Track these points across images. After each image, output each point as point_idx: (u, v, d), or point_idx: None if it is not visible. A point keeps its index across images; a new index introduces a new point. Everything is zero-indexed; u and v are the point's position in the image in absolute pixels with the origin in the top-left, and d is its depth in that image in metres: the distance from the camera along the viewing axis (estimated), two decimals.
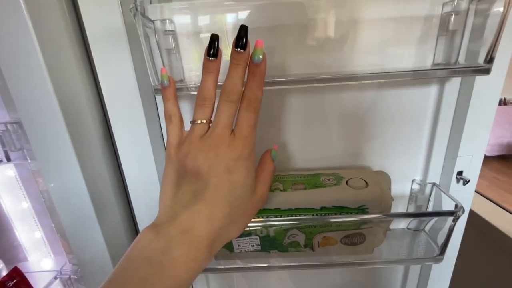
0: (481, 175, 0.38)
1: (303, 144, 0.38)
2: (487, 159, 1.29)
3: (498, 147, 1.38)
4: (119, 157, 0.37)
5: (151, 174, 0.38)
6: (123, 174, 0.38)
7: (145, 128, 0.35)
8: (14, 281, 0.38)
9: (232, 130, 0.24)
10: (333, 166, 0.38)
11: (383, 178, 0.34)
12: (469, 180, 0.37)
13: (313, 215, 0.31)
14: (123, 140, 0.36)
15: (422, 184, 0.38)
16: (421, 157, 0.38)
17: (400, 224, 0.40)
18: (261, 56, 0.22)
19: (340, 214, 0.31)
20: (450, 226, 0.31)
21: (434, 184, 0.37)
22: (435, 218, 0.36)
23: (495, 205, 0.93)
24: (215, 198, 0.22)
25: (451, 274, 0.45)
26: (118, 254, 0.41)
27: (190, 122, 0.25)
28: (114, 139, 0.36)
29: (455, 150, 0.37)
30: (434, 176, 0.38)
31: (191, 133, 0.24)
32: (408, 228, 0.39)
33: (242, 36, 0.22)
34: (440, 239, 0.35)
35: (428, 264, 0.41)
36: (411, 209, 0.39)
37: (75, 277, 0.41)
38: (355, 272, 0.47)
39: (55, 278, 0.41)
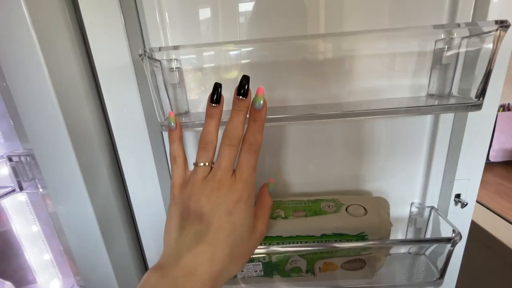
0: (485, 181, 0.39)
1: (303, 169, 0.39)
2: (491, 165, 1.29)
3: (503, 153, 1.37)
4: (126, 184, 0.38)
5: (157, 199, 0.39)
6: (130, 200, 0.39)
7: (152, 157, 0.36)
8: None
9: (233, 172, 0.25)
10: (333, 190, 0.40)
11: (382, 205, 0.35)
12: (466, 204, 0.38)
13: (314, 241, 0.32)
14: (130, 169, 0.37)
15: (421, 207, 0.39)
16: (419, 181, 0.39)
17: (401, 249, 0.40)
18: (262, 102, 0.24)
19: (340, 241, 0.32)
20: (448, 251, 0.32)
21: (432, 208, 0.38)
22: (434, 246, 0.36)
23: (499, 217, 0.93)
24: (217, 240, 0.23)
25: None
26: (124, 276, 0.42)
27: (194, 164, 0.26)
28: (121, 167, 0.37)
29: (452, 174, 0.38)
30: (433, 199, 0.39)
31: (194, 175, 0.25)
32: (409, 253, 0.40)
33: (243, 84, 0.23)
34: (440, 263, 0.36)
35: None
36: (410, 232, 0.40)
37: None
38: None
39: None
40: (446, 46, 0.30)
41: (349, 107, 0.31)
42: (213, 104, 0.24)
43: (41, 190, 0.35)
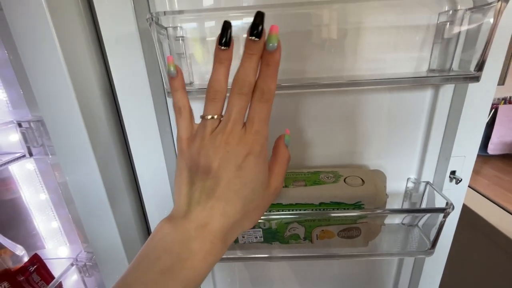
0: (483, 174, 0.40)
1: (303, 143, 0.40)
2: (490, 158, 1.30)
3: (502, 146, 1.38)
4: (130, 152, 0.40)
5: (160, 167, 0.40)
6: (134, 167, 0.41)
7: (156, 125, 0.37)
8: (35, 266, 0.41)
9: (244, 124, 0.23)
10: (332, 164, 0.41)
11: (379, 176, 0.36)
12: (461, 180, 0.39)
13: (312, 210, 0.33)
14: (135, 136, 0.38)
15: (417, 182, 0.40)
16: (416, 157, 0.40)
17: (395, 220, 0.42)
18: (276, 44, 0.21)
19: (338, 209, 0.33)
20: (440, 222, 0.33)
21: (427, 183, 0.39)
22: (428, 214, 0.38)
23: (495, 205, 0.95)
24: (227, 195, 0.22)
25: (443, 267, 0.47)
26: (130, 242, 0.44)
27: (201, 116, 0.24)
28: (126, 135, 0.38)
29: (448, 151, 0.39)
30: (428, 174, 0.40)
31: (202, 128, 0.24)
32: (402, 224, 0.42)
33: (257, 23, 0.20)
34: (433, 234, 0.37)
35: (421, 257, 0.43)
36: (406, 206, 0.42)
37: (90, 264, 0.44)
38: (351, 264, 0.50)
39: (72, 265, 0.44)
40: (449, 20, 0.30)
41: (350, 79, 0.32)
42: (222, 47, 0.22)
43: (50, 156, 0.37)
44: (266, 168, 0.24)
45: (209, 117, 0.23)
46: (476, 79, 0.28)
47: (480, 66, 0.28)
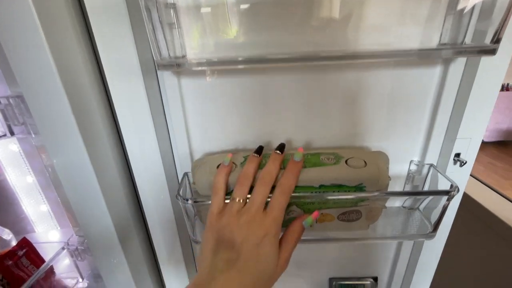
0: (477, 160, 0.39)
1: (304, 124, 0.38)
2: (484, 144, 1.30)
3: (496, 133, 1.38)
4: (121, 131, 0.37)
5: (152, 146, 0.38)
6: (125, 147, 0.39)
7: (146, 102, 0.35)
8: (24, 250, 0.40)
9: (264, 208, 0.29)
10: (333, 146, 0.39)
11: (382, 158, 0.34)
12: (466, 162, 0.38)
13: (312, 193, 0.32)
14: (124, 113, 0.36)
15: (420, 164, 0.39)
16: (420, 138, 0.38)
17: (396, 202, 0.41)
18: (300, 158, 0.31)
19: (338, 191, 0.32)
20: (444, 205, 0.32)
21: (431, 165, 0.38)
22: (430, 197, 0.37)
23: (490, 189, 0.95)
24: (246, 267, 0.26)
25: (441, 251, 0.47)
26: (122, 225, 0.43)
27: (231, 198, 0.30)
28: (115, 113, 0.36)
29: (454, 132, 0.37)
30: (432, 157, 0.39)
31: (230, 208, 0.29)
32: (403, 207, 0.41)
33: (282, 146, 0.33)
34: (434, 218, 0.36)
35: (420, 240, 0.42)
36: (408, 189, 0.40)
37: (82, 248, 0.43)
38: (350, 247, 0.49)
39: (63, 248, 0.42)
40: None
41: (355, 54, 0.30)
42: (255, 154, 0.32)
43: (33, 136, 0.34)
44: (277, 248, 0.29)
45: (237, 199, 0.29)
46: (492, 52, 0.26)
47: (497, 38, 0.25)
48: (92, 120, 0.36)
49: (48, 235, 0.46)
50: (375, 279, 0.51)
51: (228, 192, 0.32)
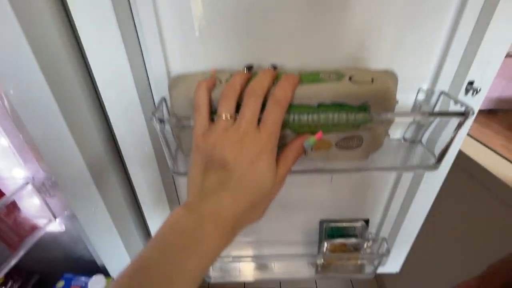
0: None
1: (301, 45, 0.33)
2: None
3: (487, 101, 1.35)
4: (85, 53, 0.31)
5: (124, 70, 0.32)
6: (92, 74, 0.33)
7: (113, 14, 0.28)
8: None
9: (258, 125, 0.25)
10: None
11: (390, 77, 0.30)
12: (480, 90, 0.34)
13: (309, 113, 0.28)
14: (87, 29, 0.29)
15: (429, 92, 0.34)
16: (433, 61, 0.34)
17: (397, 133, 0.37)
18: (297, 73, 0.28)
19: (340, 112, 0.27)
20: (456, 127, 0.28)
21: (442, 93, 0.34)
22: (434, 125, 0.33)
23: (480, 144, 0.95)
24: (239, 188, 0.24)
25: (435, 194, 0.45)
26: (95, 163, 0.38)
27: (216, 115, 0.26)
28: (75, 26, 0.29)
29: (472, 54, 0.32)
30: (443, 85, 0.35)
31: (217, 126, 0.25)
32: (404, 139, 0.37)
33: (274, 66, 0.30)
34: (437, 151, 0.33)
35: (419, 173, 0.40)
36: (414, 123, 0.37)
37: (49, 183, 0.39)
38: (342, 189, 0.47)
39: (27, 183, 0.38)
40: None
41: None
42: (244, 70, 0.29)
43: None
44: (275, 165, 0.26)
45: (224, 115, 0.25)
46: None
47: None
48: (47, 38, 0.29)
49: (12, 172, 0.41)
50: (366, 221, 0.50)
51: (213, 112, 0.28)
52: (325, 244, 0.48)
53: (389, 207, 0.48)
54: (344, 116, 0.27)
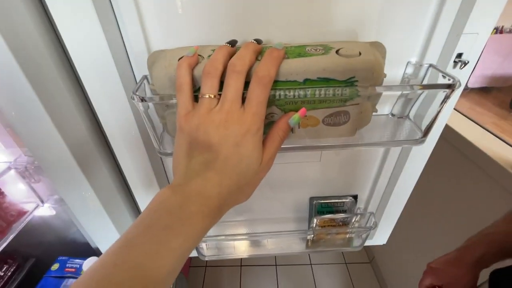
0: (458, 106, 0.35)
1: (287, 18, 0.31)
2: (467, 91, 1.28)
3: (481, 79, 1.35)
4: (57, 28, 0.29)
5: (101, 48, 0.31)
6: (68, 53, 0.31)
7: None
8: None
9: (242, 104, 0.24)
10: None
11: (378, 48, 0.29)
12: (468, 62, 0.34)
13: (295, 90, 0.27)
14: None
15: (417, 65, 0.34)
16: (422, 33, 0.33)
17: (385, 109, 0.37)
18: (282, 46, 0.25)
19: (326, 87, 0.27)
20: (441, 102, 0.28)
21: (430, 65, 0.33)
22: (421, 100, 0.33)
23: (469, 120, 0.97)
24: (225, 169, 0.24)
25: (421, 169, 0.46)
26: (78, 146, 0.37)
27: (199, 96, 0.25)
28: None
29: (461, 25, 0.32)
30: (432, 57, 0.34)
31: (200, 106, 0.24)
32: (391, 114, 0.37)
33: (258, 40, 0.27)
34: (424, 126, 0.33)
35: (406, 149, 0.41)
36: (401, 97, 0.36)
37: (32, 168, 0.38)
38: (331, 167, 0.48)
39: (9, 168, 0.37)
40: None
41: None
42: (226, 44, 0.26)
43: None
44: (261, 146, 0.25)
45: (207, 95, 0.24)
46: None
47: None
48: (17, 17, 0.27)
49: None
50: (355, 197, 0.51)
51: (196, 90, 0.27)
52: (315, 220, 0.49)
53: (376, 183, 0.49)
54: (331, 91, 0.27)
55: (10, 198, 0.40)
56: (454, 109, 1.01)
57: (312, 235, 0.52)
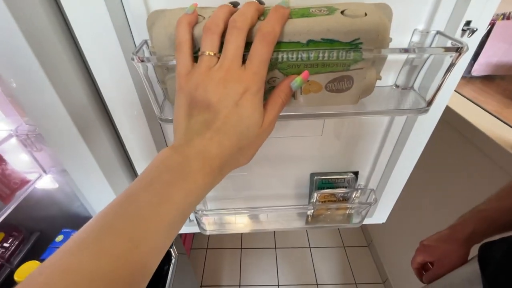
0: (461, 95, 0.34)
1: None
2: (472, 80, 1.25)
3: (486, 67, 1.31)
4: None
5: (100, 11, 0.30)
6: (67, 19, 0.30)
7: None
8: None
9: (243, 64, 0.24)
10: None
11: (384, 11, 0.28)
12: (476, 29, 0.33)
13: (298, 52, 0.26)
14: None
15: (424, 33, 0.33)
16: (429, 2, 0.32)
17: (389, 79, 0.37)
18: (287, 4, 0.25)
19: (331, 49, 0.26)
20: (450, 64, 0.28)
21: (438, 32, 0.32)
22: (426, 68, 0.33)
23: (468, 101, 0.95)
24: (224, 128, 0.23)
25: (427, 138, 0.45)
26: (77, 112, 0.37)
27: (199, 53, 0.24)
28: None
29: None
30: (439, 25, 0.33)
31: (199, 65, 0.24)
32: (395, 86, 0.37)
33: (261, 1, 0.26)
34: (429, 96, 0.33)
35: (409, 121, 0.40)
36: (406, 67, 0.36)
37: (34, 136, 0.38)
38: (332, 142, 0.47)
39: (11, 135, 0.37)
40: None
41: None
42: (228, 4, 0.25)
43: None
44: (261, 107, 0.25)
45: (207, 53, 0.24)
46: None
47: None
48: None
49: None
50: (356, 173, 0.51)
51: (196, 51, 0.26)
52: (315, 195, 0.50)
53: (378, 159, 0.49)
54: (335, 54, 0.26)
55: (13, 166, 0.40)
56: (455, 91, 0.99)
57: (312, 210, 0.52)
